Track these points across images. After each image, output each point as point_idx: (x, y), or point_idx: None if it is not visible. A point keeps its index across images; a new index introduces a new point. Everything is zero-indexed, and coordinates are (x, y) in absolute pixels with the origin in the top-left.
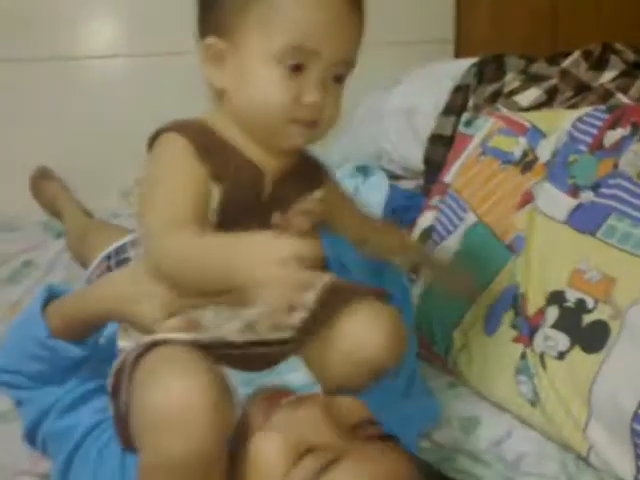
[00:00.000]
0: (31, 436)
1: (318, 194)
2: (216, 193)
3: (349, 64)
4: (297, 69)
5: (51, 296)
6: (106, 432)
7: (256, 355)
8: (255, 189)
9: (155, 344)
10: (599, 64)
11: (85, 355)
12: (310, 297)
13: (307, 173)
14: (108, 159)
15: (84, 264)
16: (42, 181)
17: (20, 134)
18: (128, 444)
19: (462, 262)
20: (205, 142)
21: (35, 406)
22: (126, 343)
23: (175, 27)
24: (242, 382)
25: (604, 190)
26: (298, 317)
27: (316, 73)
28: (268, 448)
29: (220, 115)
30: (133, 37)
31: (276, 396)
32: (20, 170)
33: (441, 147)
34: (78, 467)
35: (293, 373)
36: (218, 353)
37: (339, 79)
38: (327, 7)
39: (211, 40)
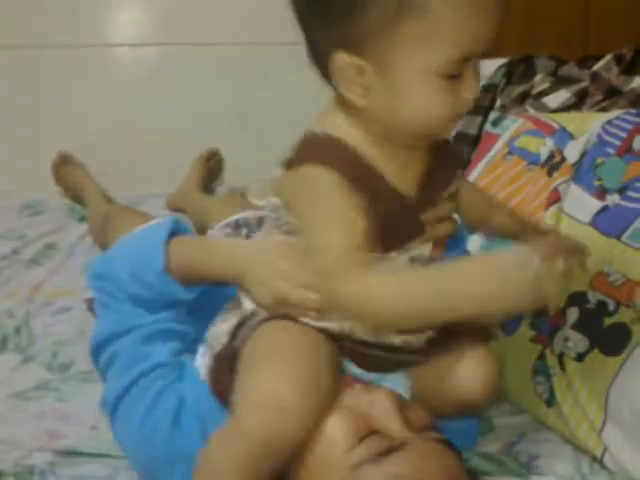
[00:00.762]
0: (97, 351)
1: (460, 173)
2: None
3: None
4: (452, 77)
5: (176, 229)
6: (168, 377)
7: (375, 357)
8: (405, 216)
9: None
10: (631, 68)
11: (189, 299)
12: None
13: (446, 154)
14: (134, 146)
15: (105, 248)
16: (64, 167)
17: (46, 119)
18: (218, 392)
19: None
20: (356, 174)
21: (116, 321)
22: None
23: (205, 17)
24: None
25: (631, 193)
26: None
27: (473, 70)
28: (334, 424)
29: (354, 129)
30: (163, 26)
31: (351, 380)
32: (45, 155)
33: (466, 146)
34: (132, 399)
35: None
36: (343, 345)
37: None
38: (484, 10)
39: (345, 58)
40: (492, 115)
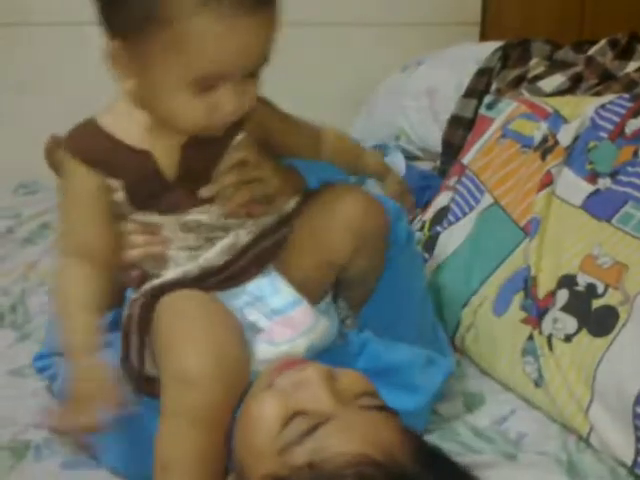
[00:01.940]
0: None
1: (240, 138)
2: (120, 187)
3: (262, 64)
4: (208, 89)
5: None
6: None
7: (238, 270)
8: (150, 175)
9: (158, 293)
10: (625, 53)
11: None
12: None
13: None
14: None
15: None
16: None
17: (40, 100)
18: (141, 387)
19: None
20: (91, 150)
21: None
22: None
23: None
24: None
25: (622, 177)
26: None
27: (229, 87)
28: (263, 409)
29: (121, 109)
30: None
31: (288, 363)
32: (40, 135)
33: (460, 129)
34: None
35: (276, 296)
36: (205, 284)
37: (253, 75)
38: (237, 25)
39: (117, 44)
40: (487, 98)
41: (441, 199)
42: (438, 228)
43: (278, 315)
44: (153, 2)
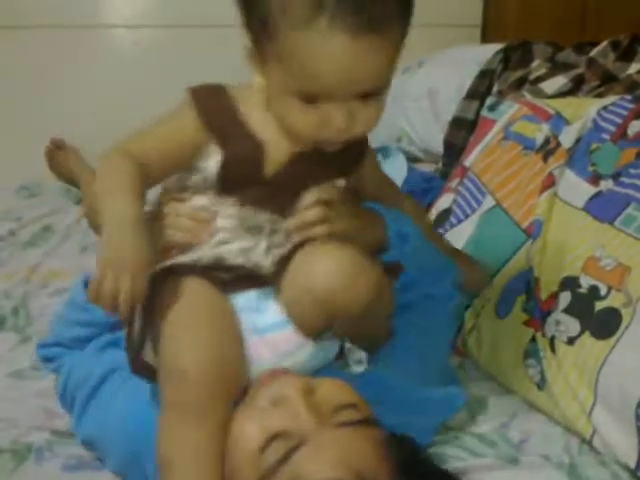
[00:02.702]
0: (63, 399)
1: (340, 183)
2: (217, 158)
3: (379, 88)
4: (312, 101)
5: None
6: (117, 381)
7: (243, 276)
8: (254, 163)
9: (164, 273)
10: (627, 55)
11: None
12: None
13: (338, 158)
14: (131, 130)
15: (100, 232)
16: (57, 153)
17: (43, 102)
18: (138, 370)
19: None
20: (213, 108)
21: (67, 369)
22: None
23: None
24: None
25: (624, 179)
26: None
27: (335, 103)
28: (244, 434)
29: (252, 92)
30: (162, 7)
31: (274, 374)
32: (43, 137)
33: (462, 131)
34: (93, 408)
35: (260, 313)
36: (211, 275)
37: (367, 97)
38: (338, 45)
39: (249, 44)
40: (489, 100)
41: (443, 201)
42: (440, 230)
43: (259, 334)
44: (266, 14)
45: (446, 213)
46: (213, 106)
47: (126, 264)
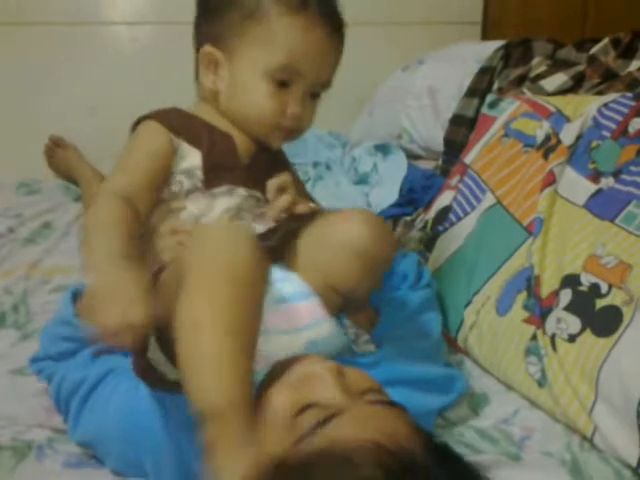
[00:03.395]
0: (58, 405)
1: (287, 176)
2: (197, 156)
3: (326, 85)
4: (284, 85)
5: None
6: (112, 382)
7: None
8: (230, 153)
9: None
10: (628, 52)
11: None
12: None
13: (276, 159)
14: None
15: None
16: (56, 150)
17: (42, 99)
18: (141, 372)
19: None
20: (178, 121)
21: (59, 376)
22: None
23: None
24: None
25: (625, 177)
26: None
27: (299, 90)
28: (278, 401)
29: (207, 108)
30: (162, 4)
31: (301, 358)
32: (42, 134)
33: (462, 128)
34: (89, 410)
35: (286, 282)
36: None
37: (315, 96)
38: (315, 35)
39: (208, 48)
40: (489, 97)
41: (443, 198)
42: (440, 227)
43: (281, 304)
44: (256, 4)
45: (446, 210)
46: (173, 116)
47: (120, 297)
